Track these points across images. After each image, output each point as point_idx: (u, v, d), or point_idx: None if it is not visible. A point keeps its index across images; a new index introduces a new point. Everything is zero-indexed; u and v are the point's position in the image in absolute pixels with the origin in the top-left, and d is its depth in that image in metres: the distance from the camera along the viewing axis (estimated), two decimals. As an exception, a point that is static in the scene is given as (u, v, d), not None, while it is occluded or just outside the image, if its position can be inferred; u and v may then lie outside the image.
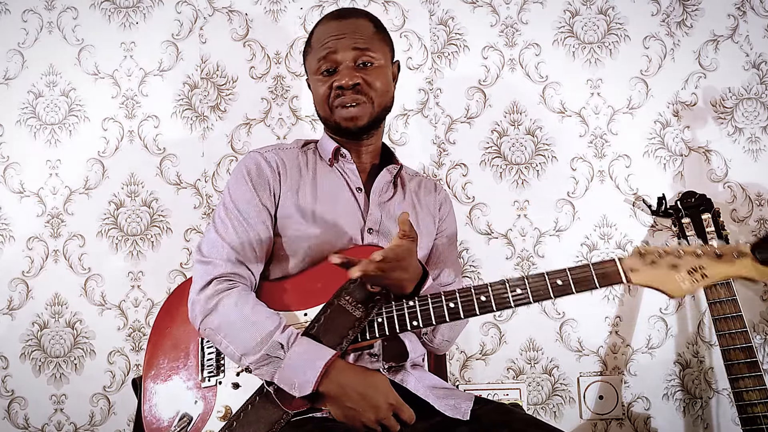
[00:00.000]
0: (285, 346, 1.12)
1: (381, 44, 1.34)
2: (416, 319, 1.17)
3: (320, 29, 1.34)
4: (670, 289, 1.11)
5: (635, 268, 1.13)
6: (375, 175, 1.37)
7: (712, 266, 1.11)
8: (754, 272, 1.09)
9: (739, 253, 1.10)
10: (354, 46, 1.28)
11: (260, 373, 1.14)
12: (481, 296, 1.16)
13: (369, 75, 1.29)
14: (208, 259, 1.23)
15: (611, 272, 1.13)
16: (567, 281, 1.14)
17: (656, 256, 1.13)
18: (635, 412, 1.86)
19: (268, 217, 1.28)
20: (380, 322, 1.17)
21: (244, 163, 1.32)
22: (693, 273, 1.11)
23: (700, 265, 1.11)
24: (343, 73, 1.28)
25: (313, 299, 1.21)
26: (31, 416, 1.89)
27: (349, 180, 1.35)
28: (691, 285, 1.11)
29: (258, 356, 1.12)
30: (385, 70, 1.34)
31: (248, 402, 1.14)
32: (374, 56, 1.30)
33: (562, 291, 1.14)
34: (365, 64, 1.29)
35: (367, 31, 1.32)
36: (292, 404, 1.11)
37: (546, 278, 1.15)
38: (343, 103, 1.29)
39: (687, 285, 1.11)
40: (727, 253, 1.10)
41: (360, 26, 1.32)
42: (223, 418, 1.15)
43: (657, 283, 1.12)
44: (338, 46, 1.28)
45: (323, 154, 1.38)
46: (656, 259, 1.13)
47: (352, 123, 1.30)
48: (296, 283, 1.26)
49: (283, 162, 1.33)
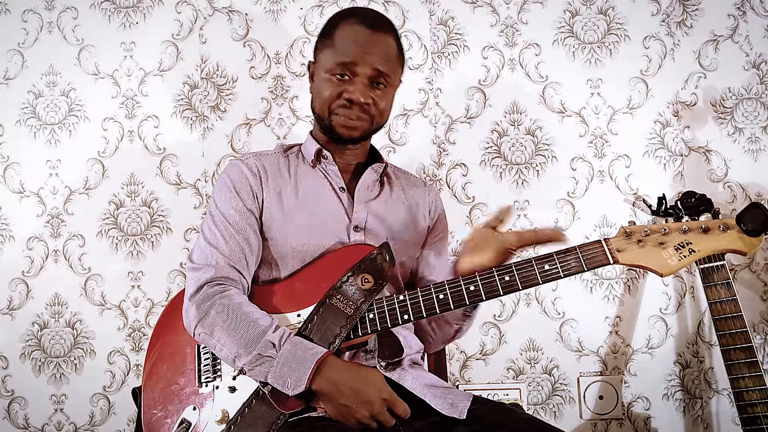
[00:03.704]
0: (277, 345, 1.12)
1: (397, 68, 1.35)
2: (407, 312, 1.17)
3: (347, 30, 1.31)
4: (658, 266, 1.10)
5: (622, 248, 1.12)
6: (360, 174, 1.38)
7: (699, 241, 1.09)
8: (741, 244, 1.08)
9: (724, 226, 1.09)
10: (376, 66, 1.28)
11: (254, 374, 1.14)
12: (470, 286, 1.16)
13: (378, 96, 1.30)
14: (199, 265, 1.24)
15: (598, 254, 1.13)
16: (555, 266, 1.14)
17: (642, 235, 1.12)
18: (635, 412, 1.86)
19: (255, 222, 1.29)
20: (372, 317, 1.18)
21: (227, 172, 1.34)
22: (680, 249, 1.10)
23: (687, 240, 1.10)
24: (358, 88, 1.27)
25: (305, 300, 1.21)
26: (31, 416, 1.89)
27: (332, 180, 1.36)
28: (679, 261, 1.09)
29: (251, 357, 1.13)
30: (393, 91, 1.36)
31: (245, 405, 1.14)
32: (389, 79, 1.31)
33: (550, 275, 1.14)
34: (378, 84, 1.30)
35: (392, 53, 1.32)
36: (287, 404, 1.11)
37: (534, 264, 1.15)
38: (348, 115, 1.29)
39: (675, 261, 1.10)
40: (713, 227, 1.09)
41: (387, 46, 1.31)
42: (221, 422, 1.15)
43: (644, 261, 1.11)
44: (361, 57, 1.27)
45: (306, 156, 1.40)
46: (642, 237, 1.12)
47: (347, 133, 1.31)
48: (288, 285, 1.26)
49: (264, 167, 1.34)
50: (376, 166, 1.39)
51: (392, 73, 1.32)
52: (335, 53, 1.30)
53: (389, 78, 1.31)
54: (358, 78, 1.28)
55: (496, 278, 1.16)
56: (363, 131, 1.32)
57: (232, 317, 1.17)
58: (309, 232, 1.27)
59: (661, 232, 1.11)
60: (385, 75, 1.30)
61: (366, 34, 1.29)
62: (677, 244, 1.10)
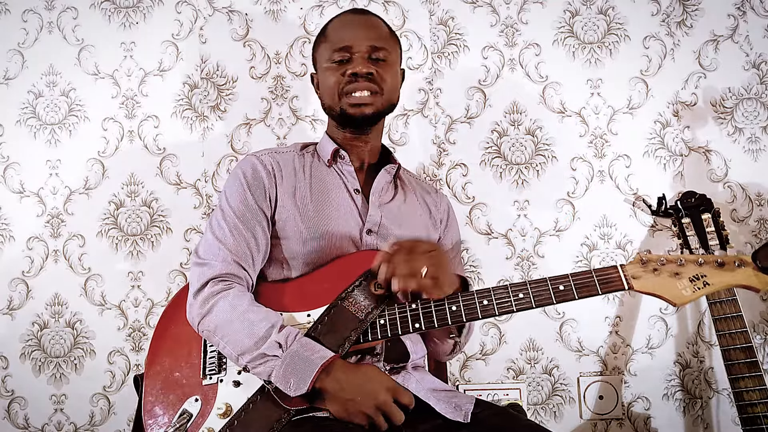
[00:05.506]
0: (283, 345, 1.12)
1: (394, 45, 1.38)
2: (418, 321, 1.17)
3: (336, 22, 1.38)
4: (672, 296, 1.13)
5: (637, 275, 1.15)
6: (373, 175, 1.37)
7: (713, 274, 1.12)
8: (755, 281, 1.10)
9: (740, 262, 1.11)
10: (369, 41, 1.32)
11: (257, 372, 1.14)
12: (484, 300, 1.17)
13: (381, 68, 1.32)
14: (205, 260, 1.24)
15: (613, 279, 1.15)
16: (569, 287, 1.15)
17: (658, 264, 1.14)
18: (635, 412, 1.86)
19: (264, 220, 1.28)
20: (382, 324, 1.18)
21: (240, 167, 1.33)
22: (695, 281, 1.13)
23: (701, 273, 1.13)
24: (358, 62, 1.30)
25: (316, 301, 1.22)
26: (31, 416, 1.89)
27: (347, 182, 1.35)
28: (693, 293, 1.12)
29: (254, 355, 1.13)
30: (396, 68, 1.38)
31: (250, 401, 1.15)
32: (387, 54, 1.34)
33: (564, 296, 1.15)
34: (378, 60, 1.32)
35: (383, 31, 1.37)
36: (292, 402, 1.11)
37: (548, 283, 1.16)
38: (356, 89, 1.30)
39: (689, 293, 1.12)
40: (728, 262, 1.12)
41: (376, 24, 1.37)
42: (224, 415, 1.15)
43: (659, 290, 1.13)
44: (354, 38, 1.31)
45: (322, 155, 1.39)
46: (658, 266, 1.14)
47: (360, 111, 1.31)
48: (299, 285, 1.26)
49: (279, 165, 1.33)
50: (389, 167, 1.40)
51: (389, 47, 1.35)
52: (330, 44, 1.34)
53: (387, 52, 1.34)
54: (356, 56, 1.31)
55: (511, 296, 1.16)
56: (374, 108, 1.32)
57: (236, 316, 1.16)
58: (322, 233, 1.27)
59: (676, 262, 1.14)
60: (382, 49, 1.33)
61: (354, 18, 1.37)
62: (692, 276, 1.13)
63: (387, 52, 1.34)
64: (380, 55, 1.32)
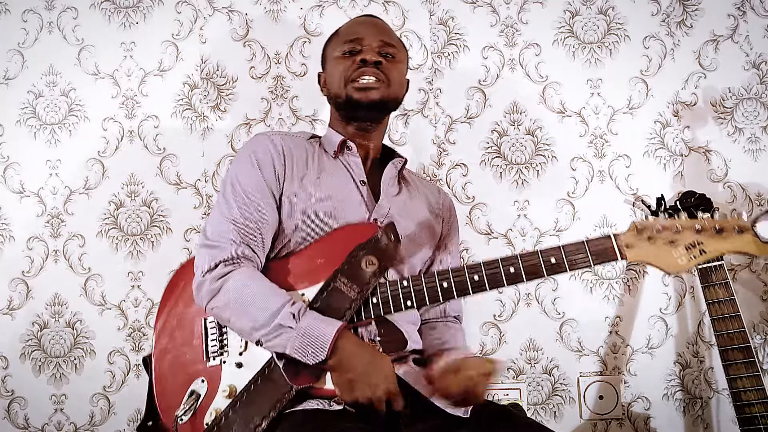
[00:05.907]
0: (296, 316, 1.12)
1: (402, 49, 1.45)
2: (410, 299, 1.18)
3: (350, 21, 1.47)
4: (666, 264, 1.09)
5: (631, 245, 1.11)
6: (377, 170, 1.39)
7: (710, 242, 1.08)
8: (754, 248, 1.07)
9: (740, 228, 1.08)
10: (381, 36, 1.37)
11: (272, 345, 1.14)
12: (474, 275, 1.17)
13: (389, 62, 1.36)
14: (215, 243, 1.22)
15: (606, 248, 1.13)
16: (561, 258, 1.13)
17: (653, 232, 1.11)
18: (635, 412, 1.87)
19: (273, 199, 1.27)
20: (375, 302, 1.18)
21: (251, 145, 1.33)
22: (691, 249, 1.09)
23: (698, 240, 1.09)
24: (368, 51, 1.34)
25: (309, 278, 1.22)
26: (31, 416, 1.89)
27: (353, 173, 1.36)
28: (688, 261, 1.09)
29: (270, 327, 1.13)
30: (403, 68, 1.42)
31: (251, 381, 1.16)
32: (395, 52, 1.38)
33: (556, 268, 1.14)
34: (387, 56, 1.36)
35: (394, 34, 1.44)
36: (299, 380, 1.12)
37: (539, 256, 1.14)
38: (363, 74, 1.32)
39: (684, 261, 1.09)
40: (727, 228, 1.08)
41: (388, 28, 1.45)
42: (228, 396, 1.17)
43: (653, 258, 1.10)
44: (366, 33, 1.37)
45: (328, 147, 1.39)
46: (653, 234, 1.10)
47: (365, 95, 1.32)
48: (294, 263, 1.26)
49: (289, 148, 1.33)
50: (396, 161, 1.41)
51: (398, 47, 1.40)
52: (342, 38, 1.39)
53: (395, 50, 1.38)
54: (367, 47, 1.35)
55: (501, 269, 1.16)
56: (380, 94, 1.33)
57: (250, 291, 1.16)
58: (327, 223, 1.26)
59: (673, 230, 1.10)
60: (391, 46, 1.37)
61: (366, 19, 1.45)
62: (688, 244, 1.09)
63: (396, 51, 1.38)
64: (390, 51, 1.37)
